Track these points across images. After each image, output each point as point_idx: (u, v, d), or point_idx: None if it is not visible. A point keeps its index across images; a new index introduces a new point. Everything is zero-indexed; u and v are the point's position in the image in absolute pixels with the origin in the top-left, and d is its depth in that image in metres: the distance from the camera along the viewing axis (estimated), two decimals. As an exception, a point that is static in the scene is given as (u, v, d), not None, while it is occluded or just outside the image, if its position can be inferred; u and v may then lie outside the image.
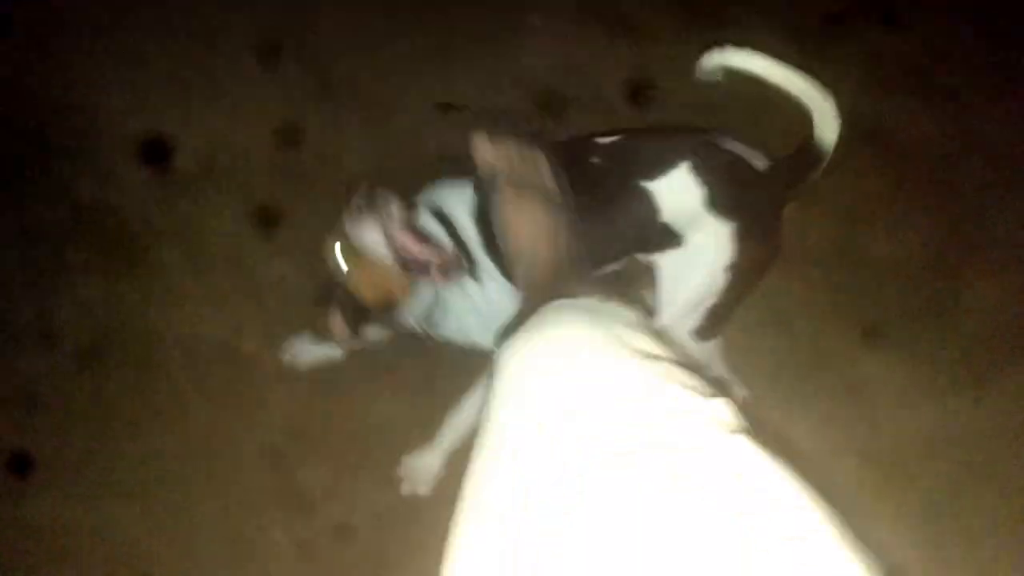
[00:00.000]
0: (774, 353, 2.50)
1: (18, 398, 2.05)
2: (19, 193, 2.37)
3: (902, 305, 2.66)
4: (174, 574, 1.88)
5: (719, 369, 2.04)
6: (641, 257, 1.81)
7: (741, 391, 2.14)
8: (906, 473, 2.27)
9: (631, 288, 2.24)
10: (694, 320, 1.80)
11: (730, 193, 1.69)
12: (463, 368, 1.93)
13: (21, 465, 1.99)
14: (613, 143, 1.73)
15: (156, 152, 2.60)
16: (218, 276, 2.37)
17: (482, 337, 1.82)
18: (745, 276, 1.75)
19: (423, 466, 2.07)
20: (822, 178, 2.99)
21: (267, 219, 2.45)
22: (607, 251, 1.79)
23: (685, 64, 1.72)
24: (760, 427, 2.07)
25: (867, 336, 2.57)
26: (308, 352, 2.22)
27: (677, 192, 1.68)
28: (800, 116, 1.72)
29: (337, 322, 1.73)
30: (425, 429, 2.06)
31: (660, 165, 1.68)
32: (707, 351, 1.93)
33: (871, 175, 3.10)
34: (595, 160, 1.70)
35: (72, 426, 2.03)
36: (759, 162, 1.74)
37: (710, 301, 1.77)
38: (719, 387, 1.96)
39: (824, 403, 2.42)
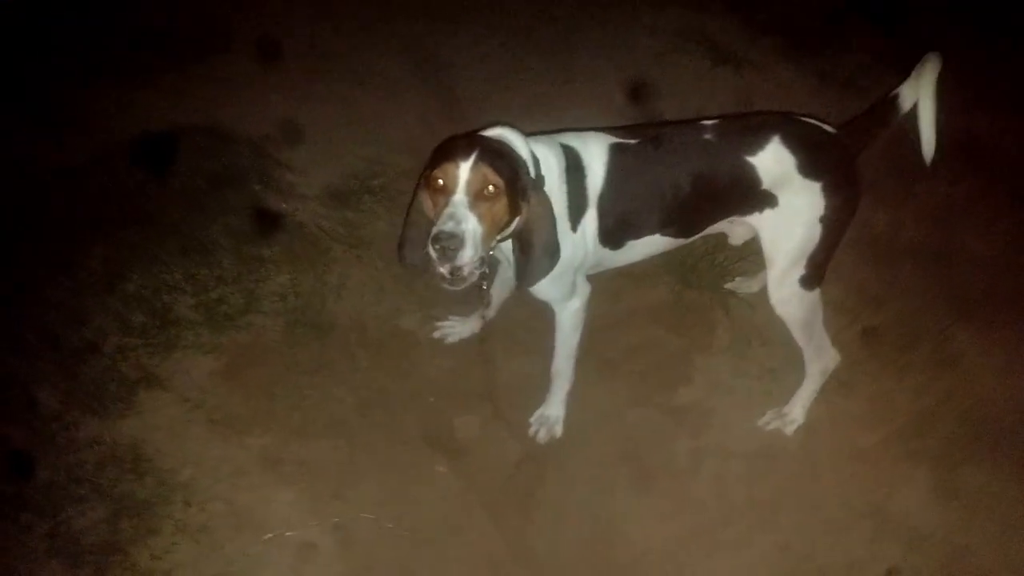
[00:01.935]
0: (868, 331, 2.72)
1: (239, 360, 2.52)
2: (220, 202, 2.91)
3: (989, 291, 2.83)
4: (355, 496, 2.26)
5: (819, 331, 2.29)
6: (740, 218, 2.13)
7: (837, 356, 2.37)
8: (1001, 430, 2.42)
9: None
10: (799, 269, 2.09)
11: (814, 157, 2.02)
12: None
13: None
14: (718, 124, 2.07)
15: (324, 172, 3.12)
16: (380, 269, 2.81)
17: (555, 286, 2.05)
18: (836, 223, 2.06)
19: (551, 414, 2.41)
20: (916, 182, 3.22)
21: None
22: (715, 213, 2.12)
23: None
24: (862, 391, 2.35)
25: (960, 318, 2.75)
26: (453, 329, 2.62)
27: (773, 162, 2.01)
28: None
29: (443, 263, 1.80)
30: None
31: (757, 141, 2.01)
32: (813, 304, 2.19)
33: (962, 181, 3.30)
34: (708, 136, 2.04)
35: (279, 381, 2.48)
36: (830, 128, 2.08)
37: (810, 250, 2.07)
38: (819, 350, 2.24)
39: (919, 374, 2.61)
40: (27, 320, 2.50)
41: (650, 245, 2.15)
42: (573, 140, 2.04)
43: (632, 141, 2.04)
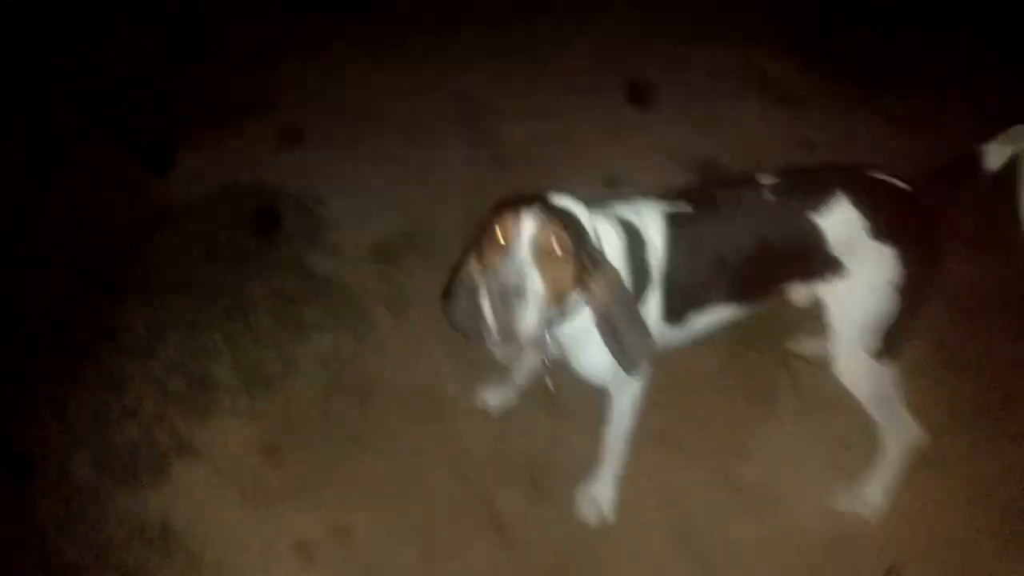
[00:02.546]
0: (958, 396, 2.43)
1: (274, 428, 2.42)
2: (264, 262, 2.85)
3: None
4: (389, 563, 2.10)
5: (897, 407, 2.03)
6: (802, 285, 1.91)
7: (919, 433, 2.10)
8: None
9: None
10: (869, 341, 1.86)
11: (888, 219, 1.80)
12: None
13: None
14: (778, 182, 1.87)
15: (369, 230, 3.04)
16: (422, 332, 2.69)
17: (617, 371, 1.82)
18: (913, 293, 1.83)
19: (600, 493, 2.20)
20: (1000, 229, 2.93)
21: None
22: (780, 279, 1.91)
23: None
24: (955, 470, 2.05)
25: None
26: (497, 395, 2.46)
27: (841, 224, 1.80)
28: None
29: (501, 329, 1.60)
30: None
31: (822, 199, 1.81)
32: (888, 378, 1.95)
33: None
34: (768, 197, 1.85)
35: (315, 450, 2.36)
36: (903, 184, 1.85)
37: (882, 320, 1.83)
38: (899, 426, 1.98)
39: (1020, 447, 2.30)
40: (70, 388, 2.46)
41: (714, 317, 1.96)
42: (628, 213, 1.86)
43: (687, 209, 1.86)
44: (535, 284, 1.56)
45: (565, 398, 2.44)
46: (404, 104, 3.68)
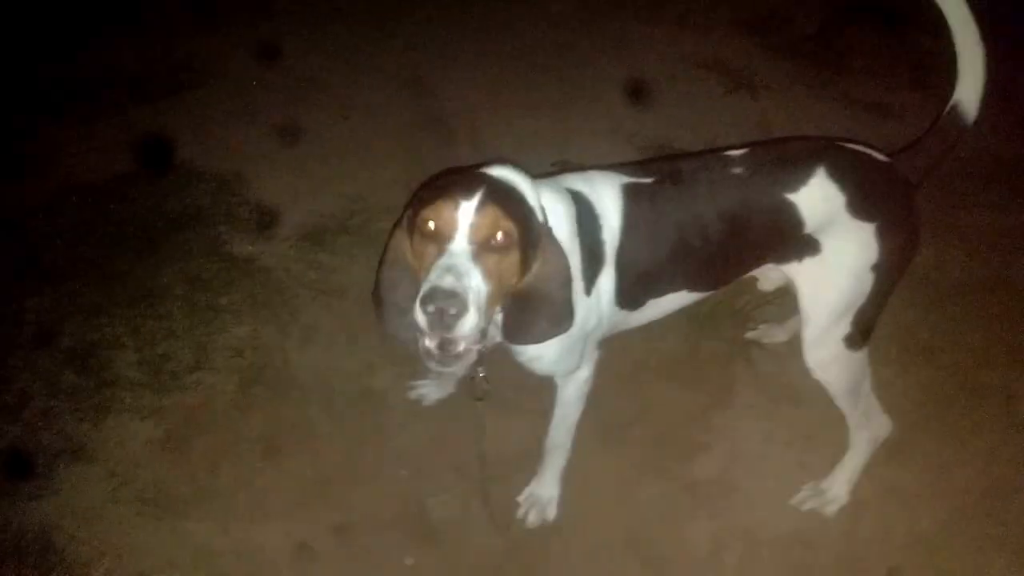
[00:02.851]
0: (924, 388, 2.27)
1: (181, 427, 2.14)
2: (178, 244, 2.56)
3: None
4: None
5: (868, 396, 1.87)
6: (774, 267, 1.72)
7: (888, 424, 1.94)
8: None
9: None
10: (843, 327, 1.68)
11: (868, 194, 1.61)
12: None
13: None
14: (748, 154, 1.67)
15: (296, 210, 2.78)
16: (352, 319, 2.44)
17: (562, 359, 1.66)
18: (891, 272, 1.66)
19: (543, 494, 1.99)
20: (960, 210, 2.81)
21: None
22: (748, 262, 1.72)
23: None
24: (918, 460, 1.89)
25: (1028, 369, 2.29)
26: (433, 388, 2.23)
27: (819, 200, 1.61)
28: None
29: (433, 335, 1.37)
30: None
31: (798, 174, 1.61)
32: (860, 366, 1.77)
33: (1012, 209, 2.88)
34: (737, 170, 1.64)
35: (227, 451, 2.09)
36: (881, 156, 1.66)
37: (858, 304, 1.65)
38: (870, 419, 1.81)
39: (986, 439, 2.16)
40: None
41: (673, 302, 1.76)
42: (580, 184, 1.63)
43: (647, 180, 1.64)
44: (475, 281, 1.32)
45: (503, 388, 2.23)
46: (340, 76, 3.41)
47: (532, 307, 1.46)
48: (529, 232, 1.40)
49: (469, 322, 1.30)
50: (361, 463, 2.11)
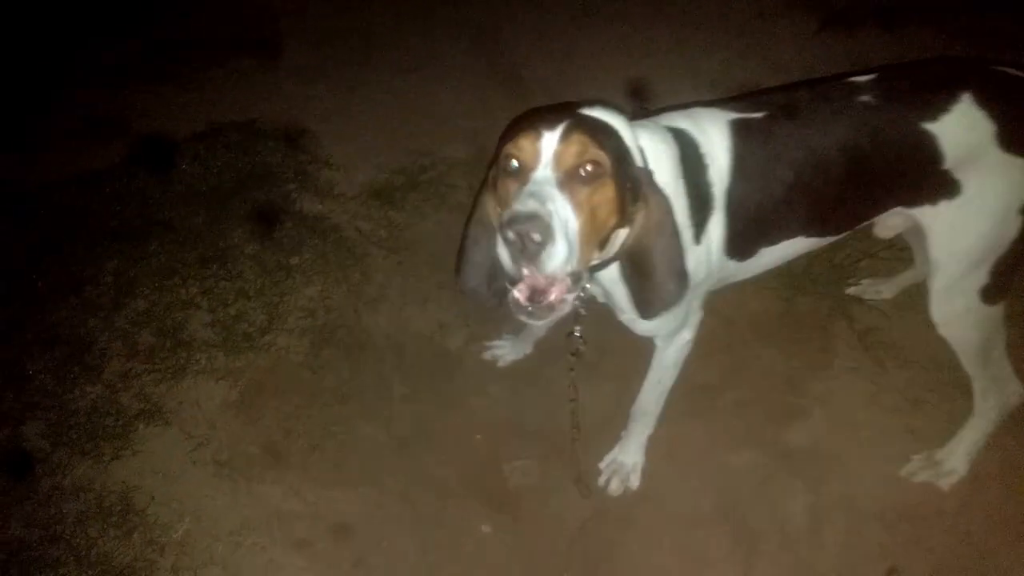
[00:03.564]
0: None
1: (256, 388, 2.09)
2: (248, 204, 2.49)
3: None
4: (383, 564, 1.77)
5: (1000, 358, 1.64)
6: (902, 211, 1.50)
7: (1020, 390, 1.70)
8: None
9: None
10: (980, 277, 1.45)
11: (1022, 122, 1.35)
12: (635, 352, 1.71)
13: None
14: (878, 79, 1.45)
15: (365, 167, 2.67)
16: (423, 279, 2.33)
17: (668, 316, 1.46)
18: None
19: (628, 461, 1.85)
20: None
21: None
22: (874, 204, 1.50)
23: None
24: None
25: None
26: (509, 348, 2.10)
27: (963, 131, 1.38)
28: None
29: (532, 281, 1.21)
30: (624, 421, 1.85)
31: (939, 101, 1.38)
32: (994, 323, 1.55)
33: None
34: (865, 98, 1.41)
35: (300, 414, 2.02)
36: None
37: (999, 251, 1.42)
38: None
39: None
40: (26, 345, 2.14)
41: (787, 250, 1.56)
42: (682, 121, 1.44)
43: (758, 115, 1.44)
44: (560, 206, 1.16)
45: (591, 352, 2.09)
46: (410, 27, 3.26)
47: (650, 267, 1.30)
48: (625, 168, 1.24)
49: (557, 254, 1.13)
50: (435, 427, 2.01)
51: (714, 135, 1.41)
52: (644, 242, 1.28)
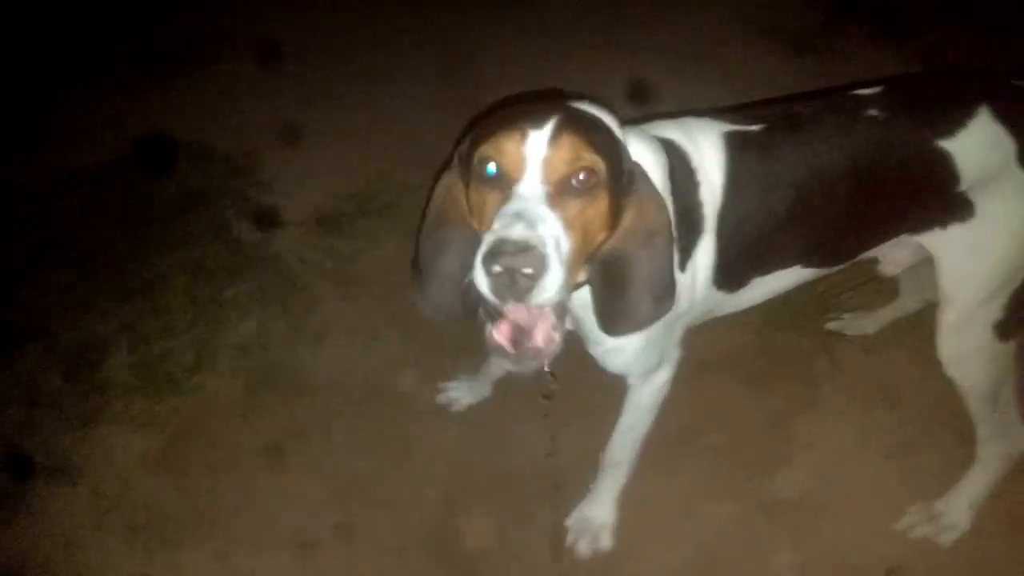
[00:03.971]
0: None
1: (179, 438, 1.84)
2: (180, 230, 2.25)
3: None
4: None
5: (1010, 399, 1.49)
6: (909, 240, 1.34)
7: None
8: None
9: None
10: (993, 312, 1.30)
11: None
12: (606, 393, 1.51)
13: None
14: (886, 92, 1.30)
15: (311, 191, 2.45)
16: (373, 311, 2.11)
17: (646, 351, 1.31)
18: None
19: (597, 518, 1.64)
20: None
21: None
22: (882, 229, 1.34)
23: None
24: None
25: None
26: (464, 393, 1.89)
27: (981, 149, 1.23)
28: None
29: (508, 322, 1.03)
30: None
31: (955, 115, 1.23)
32: (1005, 360, 1.40)
33: None
34: (873, 112, 1.26)
35: (229, 466, 1.78)
36: None
37: (1016, 283, 1.27)
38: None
39: None
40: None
41: (781, 281, 1.39)
42: (672, 131, 1.26)
43: (755, 128, 1.27)
44: (553, 230, 0.97)
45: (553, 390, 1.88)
46: (363, 43, 3.06)
47: (626, 278, 1.09)
48: (619, 173, 1.06)
49: (551, 285, 0.94)
50: (382, 480, 1.78)
51: (707, 148, 1.24)
52: (626, 247, 1.09)
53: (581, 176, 1.00)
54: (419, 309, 1.24)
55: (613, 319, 1.12)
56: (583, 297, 1.16)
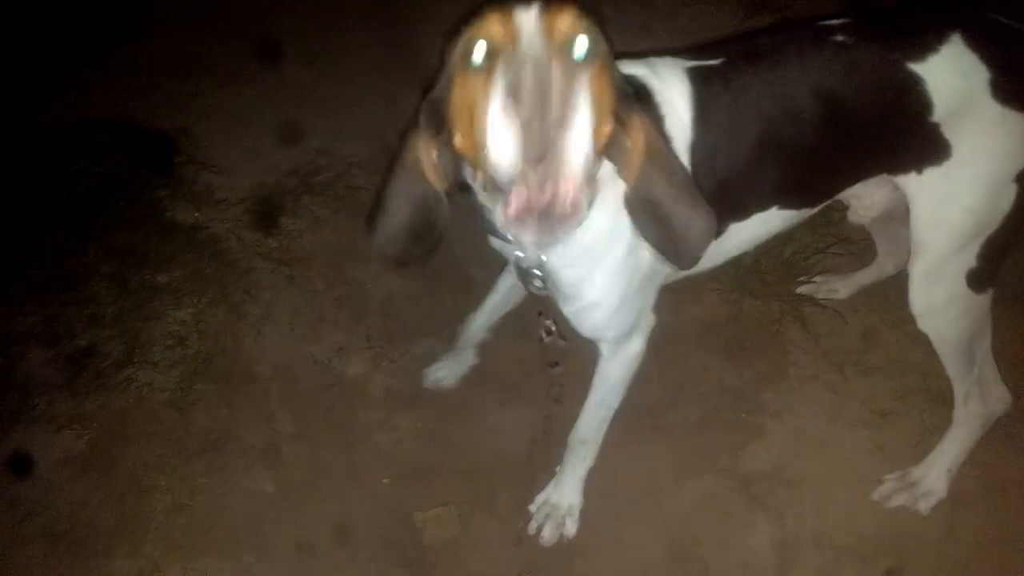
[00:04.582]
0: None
1: (106, 438, 1.67)
2: (108, 212, 2.07)
3: None
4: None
5: (986, 356, 1.40)
6: (887, 180, 1.24)
7: (1007, 397, 1.46)
8: None
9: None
10: (966, 259, 1.20)
11: (1018, 68, 1.11)
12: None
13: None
14: (854, 21, 1.20)
15: (251, 167, 2.27)
16: (319, 292, 1.96)
17: (623, 308, 1.21)
18: None
19: (562, 502, 1.52)
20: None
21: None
22: (855, 164, 1.24)
23: None
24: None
25: None
26: (451, 368, 1.75)
27: (953, 76, 1.14)
28: None
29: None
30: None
31: (925, 39, 1.14)
32: (981, 314, 1.31)
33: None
34: (840, 38, 1.16)
35: (164, 465, 1.62)
36: None
37: (990, 228, 1.18)
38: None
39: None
40: None
41: (759, 227, 1.28)
42: (635, 67, 1.15)
43: (716, 62, 1.17)
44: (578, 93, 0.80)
45: (509, 369, 1.77)
46: (305, 14, 2.87)
47: (664, 212, 0.99)
48: (615, 69, 0.95)
49: (581, 139, 0.78)
50: (333, 472, 1.64)
51: (673, 82, 1.14)
52: (646, 181, 0.97)
53: (585, 42, 0.86)
54: (379, 250, 1.10)
55: (679, 251, 1.01)
56: (568, 249, 1.08)
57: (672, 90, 1.13)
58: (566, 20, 0.86)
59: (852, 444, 1.68)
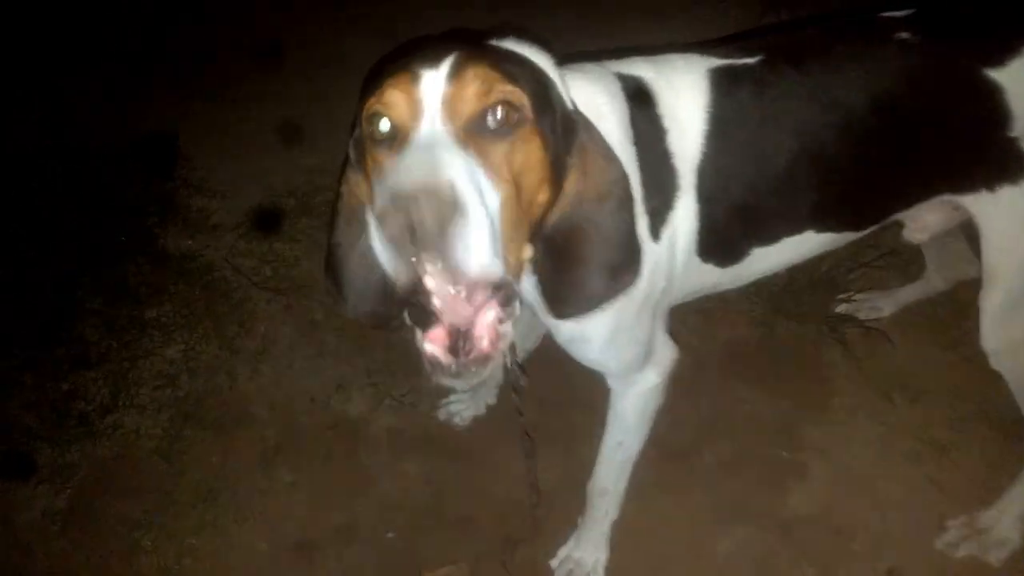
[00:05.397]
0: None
1: (90, 491, 1.53)
2: (95, 242, 1.94)
3: None
4: None
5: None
6: (946, 201, 1.06)
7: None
8: None
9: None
10: None
11: None
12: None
13: None
14: (920, 14, 1.03)
15: (246, 192, 2.13)
16: (319, 324, 1.81)
17: (616, 341, 1.04)
18: None
19: (586, 558, 1.36)
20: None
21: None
22: (913, 184, 1.06)
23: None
24: None
25: None
26: (468, 405, 1.60)
27: None
28: None
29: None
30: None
31: (1006, 40, 0.97)
32: None
33: None
34: (903, 35, 0.99)
35: (151, 521, 1.47)
36: None
37: None
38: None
39: None
40: None
41: (790, 251, 1.11)
42: (643, 68, 1.00)
43: (750, 60, 1.00)
44: (475, 177, 0.72)
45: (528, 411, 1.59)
46: (312, 36, 2.73)
47: (575, 251, 0.85)
48: (550, 113, 0.81)
49: (478, 240, 0.68)
50: (334, 524, 1.49)
51: (684, 89, 0.98)
52: (574, 216, 0.84)
53: (498, 112, 0.75)
54: (346, 311, 0.97)
55: (560, 298, 0.87)
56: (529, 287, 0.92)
57: (682, 99, 0.97)
58: (475, 90, 0.75)
59: (905, 481, 1.50)
